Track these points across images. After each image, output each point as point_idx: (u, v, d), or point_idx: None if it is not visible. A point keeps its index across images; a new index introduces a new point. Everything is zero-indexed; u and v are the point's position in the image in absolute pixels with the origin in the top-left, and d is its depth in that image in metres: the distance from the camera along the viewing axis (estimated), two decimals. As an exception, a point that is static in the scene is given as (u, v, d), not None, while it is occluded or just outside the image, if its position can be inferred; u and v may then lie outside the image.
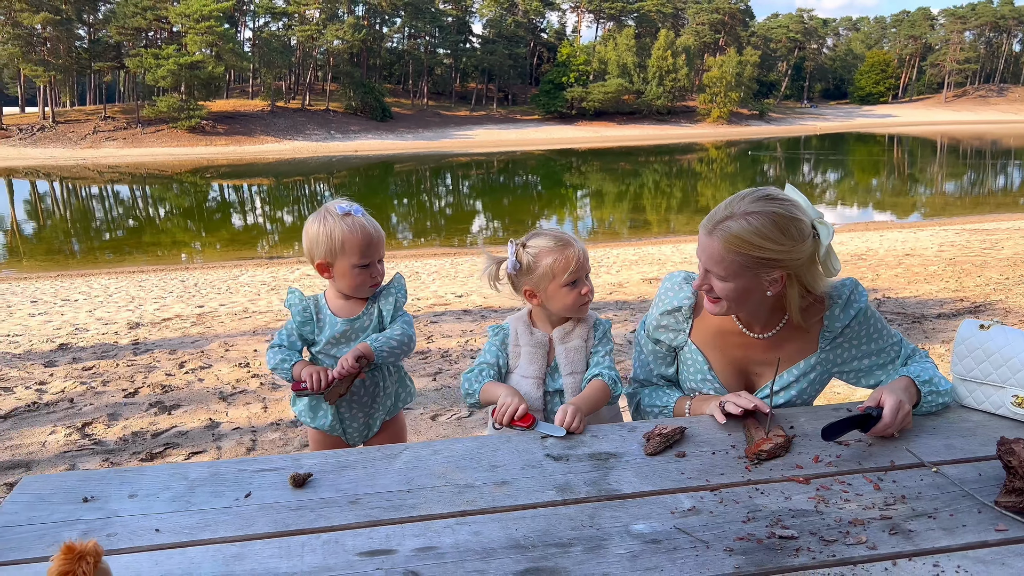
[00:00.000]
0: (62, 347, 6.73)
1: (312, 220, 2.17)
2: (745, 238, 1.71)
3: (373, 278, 2.19)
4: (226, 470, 1.59)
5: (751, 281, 1.77)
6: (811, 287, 1.84)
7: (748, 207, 1.74)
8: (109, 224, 23.67)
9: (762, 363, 1.97)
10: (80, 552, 1.11)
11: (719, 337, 1.98)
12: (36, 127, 52.04)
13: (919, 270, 9.49)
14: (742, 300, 1.81)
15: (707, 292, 1.84)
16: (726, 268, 1.75)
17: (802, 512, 1.40)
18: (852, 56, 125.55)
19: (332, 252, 2.13)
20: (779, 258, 1.73)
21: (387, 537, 1.34)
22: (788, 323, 1.92)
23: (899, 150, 53.07)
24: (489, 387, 2.01)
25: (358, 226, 2.12)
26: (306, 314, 2.25)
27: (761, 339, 1.94)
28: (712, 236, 1.76)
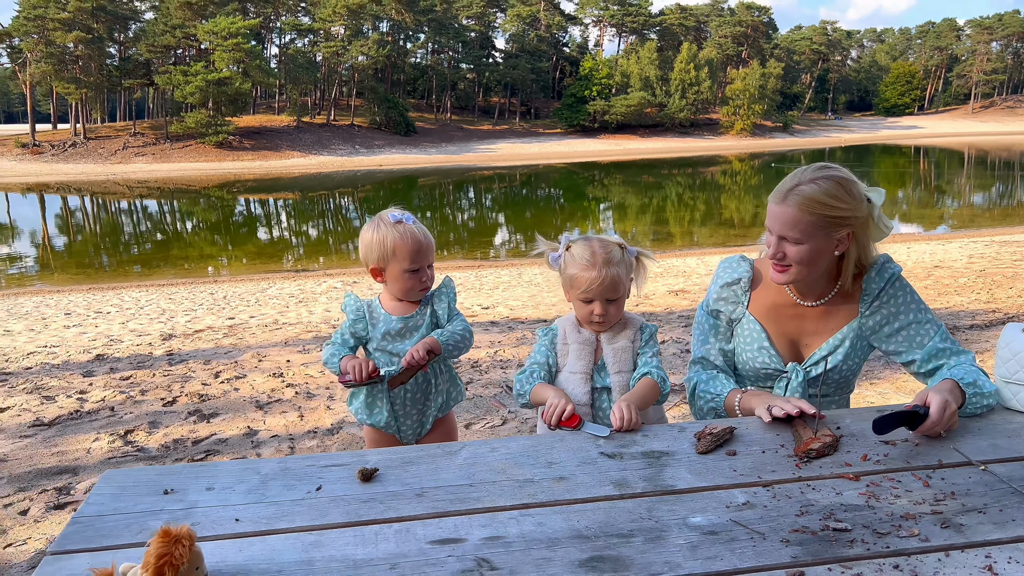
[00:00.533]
0: (99, 358, 6.87)
1: (367, 227, 2.30)
2: (818, 199, 1.89)
3: (423, 282, 2.30)
4: (295, 465, 1.67)
5: (823, 241, 1.93)
6: (865, 250, 2.01)
7: (813, 175, 1.93)
8: (138, 238, 24.06)
9: (813, 333, 2.11)
10: (176, 536, 1.18)
11: (774, 310, 2.12)
12: (68, 143, 53.03)
13: (949, 282, 9.42)
14: (814, 263, 1.96)
15: (779, 260, 1.97)
16: (802, 230, 1.91)
17: (854, 507, 1.45)
18: (877, 68, 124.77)
19: (384, 257, 2.25)
20: (847, 216, 1.92)
21: (455, 527, 1.41)
22: (838, 292, 2.08)
23: (925, 162, 52.61)
24: (539, 388, 2.08)
25: (409, 233, 2.24)
26: (359, 314, 2.37)
27: (813, 308, 2.09)
28: (786, 203, 1.93)
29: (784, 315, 2.12)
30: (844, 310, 2.09)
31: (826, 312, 2.10)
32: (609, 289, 2.04)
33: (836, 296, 2.09)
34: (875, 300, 2.06)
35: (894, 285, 2.05)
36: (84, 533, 1.40)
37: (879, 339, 2.09)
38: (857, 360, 2.11)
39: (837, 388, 2.14)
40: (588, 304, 2.07)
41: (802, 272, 1.98)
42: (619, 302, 2.10)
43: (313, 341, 7.23)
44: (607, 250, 2.07)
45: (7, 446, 4.43)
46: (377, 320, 2.36)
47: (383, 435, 2.43)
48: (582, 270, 2.05)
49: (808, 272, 1.98)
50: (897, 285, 2.06)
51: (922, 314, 2.05)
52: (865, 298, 2.06)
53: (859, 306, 2.07)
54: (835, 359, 2.07)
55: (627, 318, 2.19)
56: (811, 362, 2.10)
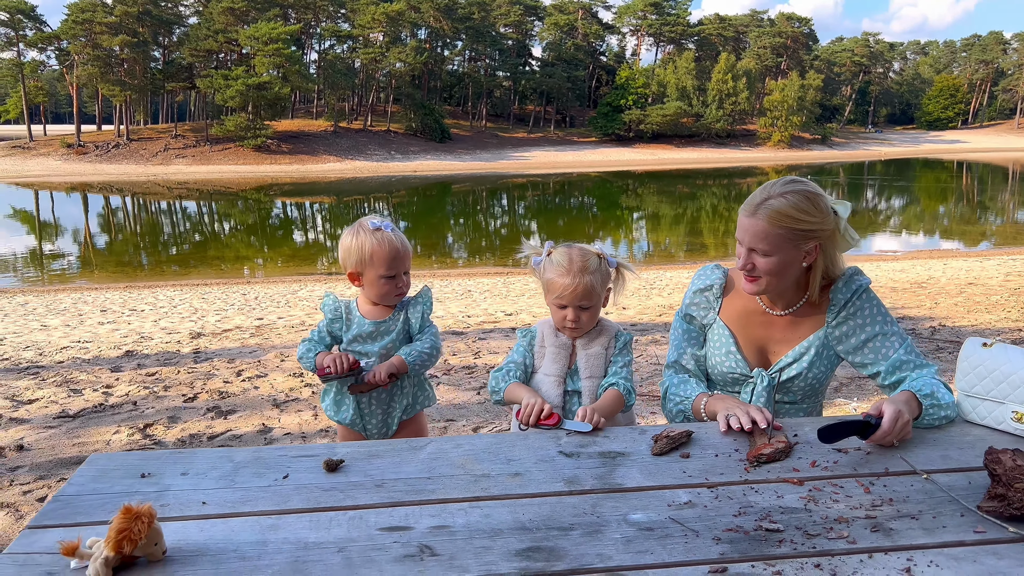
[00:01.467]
0: (128, 354, 7.07)
1: (347, 233, 2.40)
2: (787, 212, 1.96)
3: (398, 288, 2.40)
4: (268, 455, 1.77)
5: (792, 253, 2.00)
6: (832, 262, 2.08)
7: (782, 188, 2.00)
8: (176, 238, 24.55)
9: (780, 341, 2.17)
10: (136, 513, 1.28)
11: (744, 316, 2.19)
12: (111, 144, 54.30)
13: (981, 299, 9.29)
14: (782, 274, 2.02)
15: (749, 271, 2.04)
16: (771, 243, 1.98)
17: (791, 509, 1.50)
18: (920, 80, 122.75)
19: (362, 262, 2.34)
20: (814, 228, 1.98)
21: (406, 516, 1.49)
22: (806, 302, 2.14)
23: (968, 177, 51.60)
24: (513, 388, 2.16)
25: (386, 240, 2.34)
26: (336, 313, 2.47)
27: (781, 316, 2.16)
28: (756, 216, 2.00)
29: (753, 322, 2.19)
30: (811, 319, 2.15)
31: (793, 321, 2.16)
32: (582, 296, 2.10)
33: (804, 306, 2.15)
34: (841, 311, 2.11)
35: (861, 297, 2.10)
36: (61, 511, 1.51)
37: (846, 350, 2.13)
38: (823, 369, 2.15)
39: (804, 396, 2.19)
40: (562, 309, 2.14)
41: (772, 282, 2.04)
42: (592, 310, 2.16)
43: (333, 343, 7.35)
44: (584, 258, 2.13)
45: (32, 435, 4.61)
46: (352, 321, 2.46)
47: (352, 433, 2.54)
48: (557, 276, 2.12)
49: (778, 282, 2.05)
50: (864, 297, 2.10)
51: (888, 326, 2.10)
52: (832, 308, 2.11)
53: (826, 316, 2.13)
54: (800, 366, 2.13)
55: (603, 325, 2.25)
56: (776, 368, 2.16)
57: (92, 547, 1.30)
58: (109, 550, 1.26)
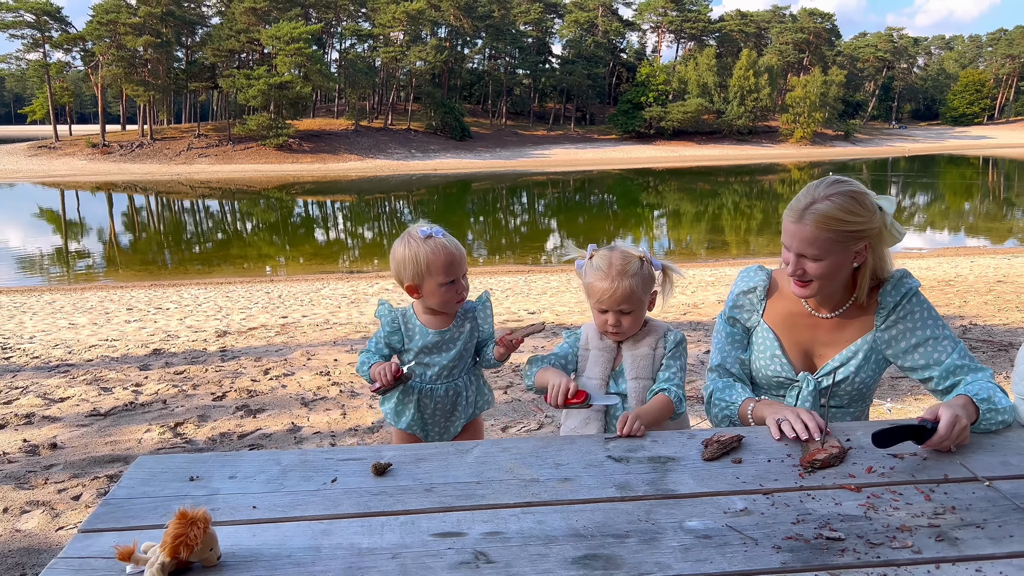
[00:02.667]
0: (155, 352, 7.13)
1: (397, 245, 2.31)
2: (835, 215, 1.90)
3: (459, 294, 2.32)
4: (314, 458, 1.75)
5: (842, 255, 1.95)
6: (881, 261, 2.03)
7: (827, 191, 1.94)
8: (199, 237, 24.78)
9: (826, 344, 2.12)
10: (192, 518, 1.27)
11: (788, 319, 2.15)
12: (135, 144, 54.90)
13: (1011, 298, 9.14)
14: (833, 277, 1.98)
15: (799, 277, 1.99)
16: (820, 247, 1.92)
17: (851, 517, 1.46)
18: (945, 76, 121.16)
19: (419, 274, 2.26)
20: (863, 228, 1.93)
21: (458, 521, 1.47)
22: (853, 304, 2.09)
23: (994, 173, 50.90)
24: (543, 372, 2.14)
25: (440, 247, 2.25)
26: (394, 325, 2.39)
27: (828, 319, 2.11)
28: (802, 222, 1.93)
29: (798, 325, 2.14)
30: (858, 322, 2.10)
31: (840, 324, 2.11)
32: (621, 300, 2.06)
33: (851, 308, 2.10)
34: (891, 314, 2.06)
35: (911, 300, 2.05)
36: (113, 514, 1.51)
37: (895, 354, 2.08)
38: (871, 373, 2.10)
39: (852, 400, 2.13)
40: (603, 314, 2.11)
41: (824, 286, 2.00)
42: (635, 314, 2.11)
43: (361, 341, 7.38)
44: (625, 262, 2.08)
45: (65, 433, 4.65)
46: (413, 332, 2.38)
47: (411, 438, 2.49)
48: (597, 280, 2.09)
49: (829, 285, 2.00)
50: (914, 300, 2.05)
51: (939, 330, 2.04)
52: (881, 311, 2.06)
53: (874, 319, 2.08)
54: (847, 370, 2.08)
55: (651, 325, 2.21)
56: (823, 372, 2.11)
57: (147, 552, 1.29)
58: (165, 555, 1.26)
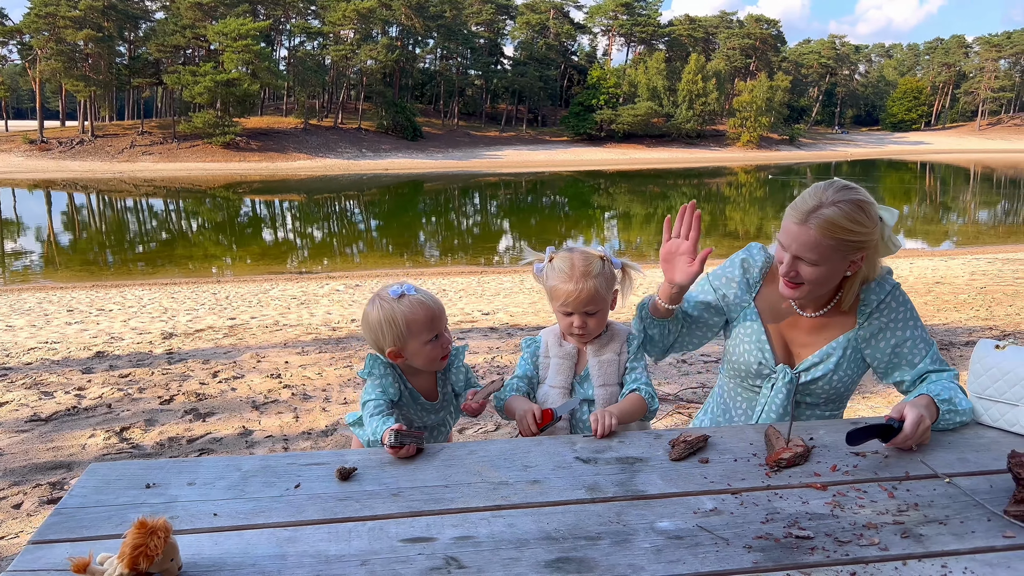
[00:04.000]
0: (99, 355, 6.92)
1: (370, 310, 2.13)
2: (840, 223, 1.87)
3: (444, 348, 2.16)
4: (276, 463, 1.71)
5: (839, 263, 1.94)
6: (873, 269, 2.02)
7: (835, 196, 1.90)
8: (143, 236, 24.16)
9: (804, 344, 2.13)
10: (152, 527, 1.22)
11: (774, 310, 2.15)
12: (75, 140, 53.29)
13: (949, 298, 9.43)
14: (827, 282, 1.97)
15: (792, 279, 1.98)
16: (820, 253, 1.90)
17: (818, 515, 1.48)
18: (884, 83, 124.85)
19: (400, 337, 2.08)
20: (864, 240, 1.91)
21: (427, 526, 1.45)
22: (835, 306, 2.09)
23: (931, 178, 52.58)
24: (509, 402, 2.12)
25: (417, 303, 2.10)
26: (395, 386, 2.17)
27: (810, 318, 2.12)
28: (806, 225, 1.90)
29: (781, 319, 2.15)
30: (840, 321, 2.10)
31: (820, 324, 2.11)
32: (587, 302, 2.04)
33: (833, 309, 2.10)
34: (874, 312, 2.06)
35: (896, 298, 2.06)
36: (66, 524, 1.44)
37: (872, 353, 2.08)
38: (850, 373, 2.10)
39: (827, 400, 2.14)
40: (568, 316, 2.09)
41: (814, 291, 2.00)
42: (599, 315, 2.10)
43: (313, 343, 7.27)
44: (587, 263, 2.07)
45: (3, 440, 4.48)
46: (406, 395, 2.20)
47: None
48: (561, 282, 2.06)
49: (819, 290, 2.00)
50: (899, 299, 2.07)
51: (917, 331, 2.06)
52: (863, 308, 2.06)
53: (856, 316, 2.08)
54: (825, 367, 2.08)
55: (614, 329, 2.20)
56: (801, 368, 2.11)
57: (104, 564, 1.24)
58: (124, 567, 1.20)
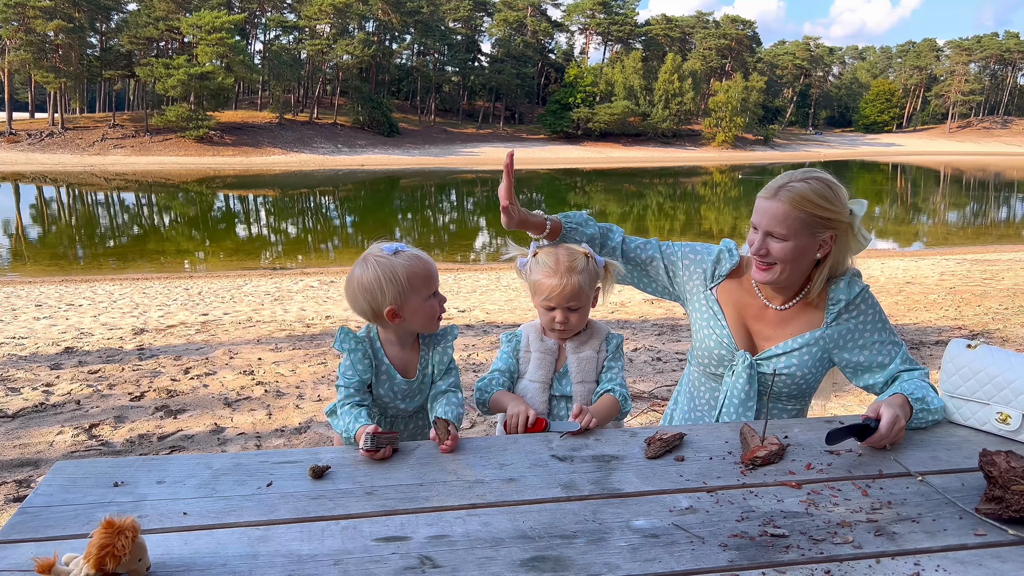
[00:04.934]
0: (68, 350, 6.81)
1: (363, 270, 1.98)
2: (809, 197, 1.94)
3: (442, 306, 2.05)
4: (248, 461, 1.68)
5: (808, 240, 1.97)
6: (842, 261, 2.06)
7: (804, 175, 1.99)
8: (114, 231, 23.81)
9: (768, 337, 2.14)
10: (119, 527, 1.19)
11: (739, 303, 2.17)
12: (45, 133, 52.41)
13: (919, 298, 9.56)
14: (796, 261, 1.99)
15: (762, 257, 2.00)
16: (789, 226, 1.95)
17: (793, 514, 1.48)
18: (858, 85, 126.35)
19: (401, 293, 1.94)
20: (832, 218, 1.97)
21: (402, 525, 1.43)
22: (803, 300, 2.11)
23: (903, 179, 53.30)
24: (498, 396, 2.11)
25: (415, 258, 1.99)
26: (367, 360, 2.03)
27: (777, 311, 2.13)
28: (776, 199, 1.97)
29: (746, 312, 2.16)
30: (805, 318, 2.11)
31: (787, 317, 2.12)
32: (570, 297, 2.05)
33: (800, 304, 2.11)
34: (843, 312, 2.07)
35: (865, 301, 2.08)
36: (30, 523, 1.41)
37: (841, 355, 2.09)
38: (813, 370, 2.10)
39: (791, 396, 2.15)
40: (550, 311, 2.09)
41: (784, 271, 2.00)
42: (582, 311, 2.10)
43: (286, 340, 7.21)
44: (572, 258, 2.07)
45: (-32, 437, 4.39)
46: (382, 372, 2.05)
47: None
48: (545, 277, 2.06)
49: (790, 271, 2.01)
50: (868, 302, 2.08)
51: (887, 334, 2.08)
52: (831, 308, 2.07)
53: (824, 315, 2.09)
54: (788, 360, 2.08)
55: (593, 327, 2.20)
56: (762, 357, 2.12)
57: (70, 564, 1.21)
58: (90, 567, 1.17)
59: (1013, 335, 7.03)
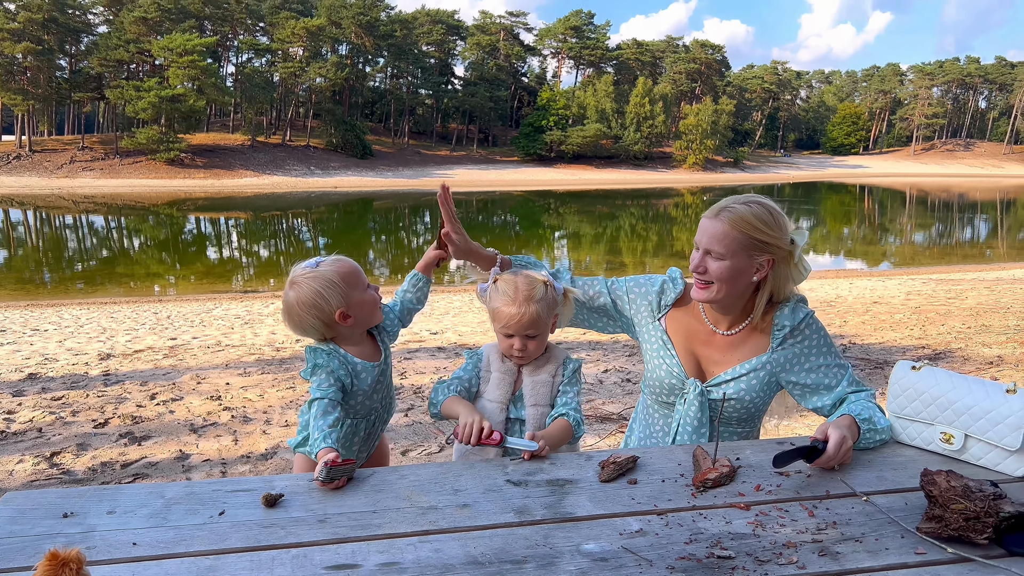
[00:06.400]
0: (31, 377, 6.70)
1: (297, 291, 2.08)
2: (747, 219, 2.00)
3: (377, 292, 2.21)
4: (201, 490, 1.67)
5: (744, 261, 2.02)
6: (782, 287, 2.11)
7: (746, 199, 2.06)
8: (82, 255, 23.51)
9: (717, 362, 2.18)
10: (64, 559, 1.18)
11: (686, 330, 2.21)
12: (12, 155, 51.70)
13: (885, 318, 9.71)
14: (733, 282, 2.04)
15: (700, 274, 2.05)
16: (727, 246, 2.00)
17: (740, 535, 1.51)
18: (824, 108, 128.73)
19: (343, 294, 2.07)
20: (770, 243, 2.02)
21: (352, 553, 1.43)
22: (748, 325, 2.15)
23: (869, 200, 54.25)
24: (451, 402, 2.11)
25: (337, 262, 2.13)
26: (342, 368, 2.13)
27: (723, 336, 2.17)
28: (717, 219, 2.03)
29: (694, 339, 2.20)
30: (752, 344, 2.15)
31: (733, 343, 2.16)
32: (528, 326, 2.07)
33: (746, 329, 2.16)
34: (788, 337, 2.12)
35: (810, 326, 2.12)
36: (-25, 556, 1.39)
37: (788, 379, 2.14)
38: (761, 394, 2.14)
39: (740, 420, 2.18)
40: (509, 338, 2.11)
41: (722, 290, 2.05)
42: (539, 338, 2.12)
43: (255, 364, 7.15)
44: (531, 287, 2.09)
45: (-76, 467, 4.30)
46: (358, 371, 2.16)
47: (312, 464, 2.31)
48: (504, 305, 2.09)
49: (728, 291, 2.05)
50: (813, 327, 2.13)
51: (832, 358, 2.12)
52: (776, 333, 2.12)
53: (770, 340, 2.13)
54: (736, 386, 2.12)
55: (551, 352, 2.22)
56: (712, 383, 2.15)
57: (12, 598, 1.20)
58: (33, 601, 1.16)
59: (974, 354, 7.16)
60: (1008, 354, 7.13)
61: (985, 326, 8.77)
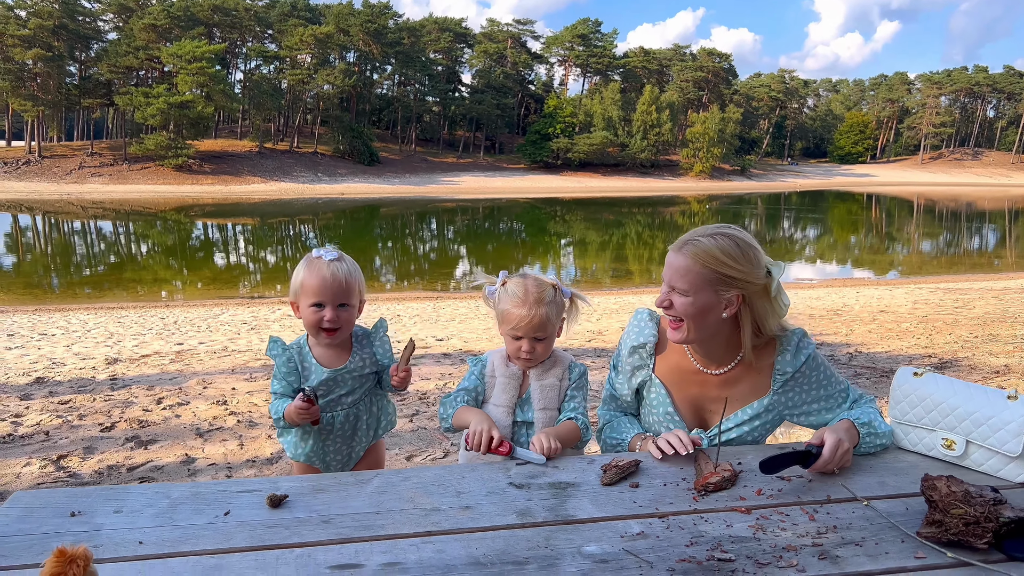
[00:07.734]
0: (38, 381, 6.73)
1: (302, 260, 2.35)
2: (711, 253, 1.92)
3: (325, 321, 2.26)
4: (207, 490, 1.69)
5: (710, 297, 1.94)
6: (763, 322, 2.02)
7: (711, 231, 1.98)
8: (90, 260, 23.62)
9: (716, 400, 2.12)
10: (71, 556, 1.20)
11: (678, 373, 2.14)
12: (21, 161, 52.04)
13: (892, 326, 9.68)
14: (701, 319, 1.96)
15: (668, 311, 2.00)
16: (690, 281, 1.93)
17: (741, 538, 1.52)
18: (832, 116, 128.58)
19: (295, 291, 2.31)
20: (737, 277, 1.93)
21: (356, 553, 1.45)
22: (741, 362, 2.08)
23: (877, 209, 54.11)
24: (462, 412, 2.14)
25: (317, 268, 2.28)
26: (290, 364, 2.32)
27: (716, 375, 2.10)
28: (681, 252, 1.97)
29: (688, 380, 2.14)
30: (750, 383, 2.10)
31: (728, 381, 2.11)
32: (537, 328, 2.09)
33: (740, 367, 2.09)
34: (790, 380, 2.08)
35: (811, 366, 2.08)
36: (-16, 553, 1.41)
37: (792, 412, 2.12)
38: (766, 431, 2.14)
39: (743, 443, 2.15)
40: (517, 340, 2.12)
41: (692, 328, 1.98)
42: (547, 341, 2.14)
43: (261, 369, 7.17)
44: (540, 289, 2.11)
45: (-67, 469, 4.33)
46: (309, 371, 2.32)
47: (311, 470, 2.39)
48: (513, 307, 2.10)
49: (699, 329, 1.98)
50: (813, 365, 2.08)
51: (833, 387, 2.11)
52: (778, 377, 2.07)
53: (770, 382, 2.09)
54: (740, 431, 2.11)
55: (557, 356, 2.24)
56: (716, 431, 2.09)
57: (20, 594, 1.21)
58: (41, 597, 1.18)
59: (981, 363, 7.14)
60: (1015, 363, 7.10)
61: (992, 335, 8.74)
